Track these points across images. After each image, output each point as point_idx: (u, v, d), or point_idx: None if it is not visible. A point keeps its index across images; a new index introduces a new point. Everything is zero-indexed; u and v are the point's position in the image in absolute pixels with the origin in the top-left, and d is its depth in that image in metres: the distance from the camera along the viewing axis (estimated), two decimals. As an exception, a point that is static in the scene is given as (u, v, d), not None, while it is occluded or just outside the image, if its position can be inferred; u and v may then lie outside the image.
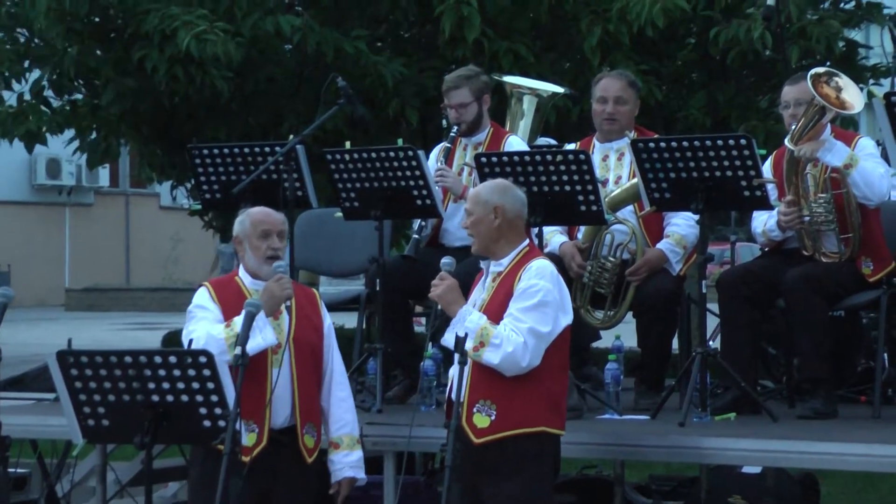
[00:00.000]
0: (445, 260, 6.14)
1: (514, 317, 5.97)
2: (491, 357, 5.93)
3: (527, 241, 6.20)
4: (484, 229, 6.11)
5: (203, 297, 6.21)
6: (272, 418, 6.09)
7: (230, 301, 6.15)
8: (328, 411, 6.28)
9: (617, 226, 7.55)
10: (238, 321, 5.99)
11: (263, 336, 6.02)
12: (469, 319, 5.96)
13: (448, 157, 7.94)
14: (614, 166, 7.73)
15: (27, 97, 12.28)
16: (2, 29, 12.08)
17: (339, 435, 6.27)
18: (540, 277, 6.03)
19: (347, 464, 6.25)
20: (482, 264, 6.24)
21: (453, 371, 6.26)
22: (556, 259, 7.53)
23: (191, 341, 6.05)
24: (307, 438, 6.18)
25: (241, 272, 6.28)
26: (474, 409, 5.98)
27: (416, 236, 7.82)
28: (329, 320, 6.37)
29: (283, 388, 6.12)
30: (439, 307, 6.06)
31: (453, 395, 6.11)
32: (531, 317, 5.96)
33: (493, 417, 5.95)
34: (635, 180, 7.30)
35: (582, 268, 7.54)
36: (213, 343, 5.94)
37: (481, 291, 6.17)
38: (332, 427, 6.27)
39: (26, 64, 12.18)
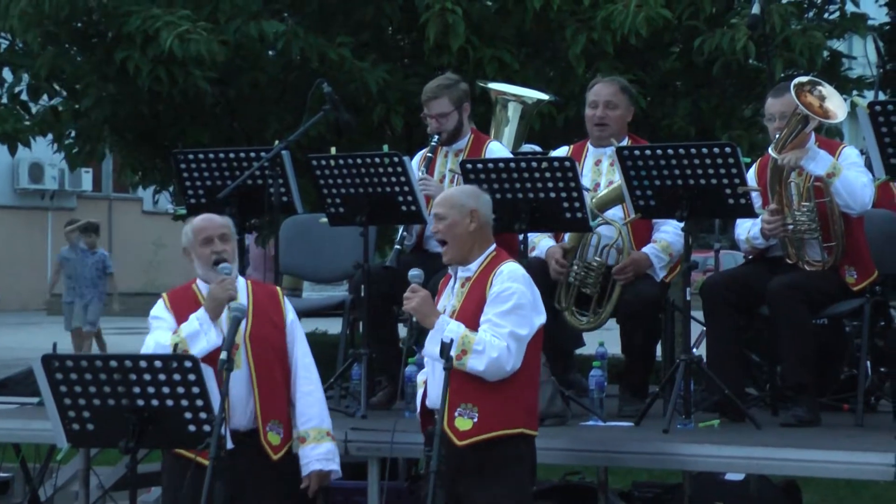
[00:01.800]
0: (413, 272, 6.13)
1: (493, 322, 5.98)
2: (475, 364, 5.94)
3: (494, 245, 6.21)
4: (460, 233, 6.10)
5: (158, 308, 6.30)
6: (234, 420, 6.04)
7: (184, 309, 6.20)
8: (294, 406, 6.28)
9: (604, 227, 7.57)
10: (185, 327, 6.11)
11: (207, 339, 6.09)
12: (448, 329, 5.96)
13: (429, 165, 7.95)
14: (606, 171, 7.74)
15: (4, 100, 12.26)
16: None
17: (305, 429, 6.25)
18: (512, 280, 6.04)
19: (314, 457, 6.22)
20: (450, 269, 6.23)
21: (421, 377, 6.30)
22: (543, 263, 7.55)
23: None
24: (271, 436, 6.17)
25: (198, 280, 6.33)
26: (456, 413, 5.99)
27: (398, 246, 7.83)
28: (293, 315, 6.36)
29: (242, 389, 6.12)
30: (415, 319, 6.05)
31: (428, 402, 6.13)
32: (510, 321, 5.98)
33: (475, 420, 5.97)
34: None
35: (563, 267, 7.55)
36: (159, 350, 6.06)
37: (450, 297, 6.18)
38: (297, 422, 6.26)
39: (5, 71, 12.16)
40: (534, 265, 7.00)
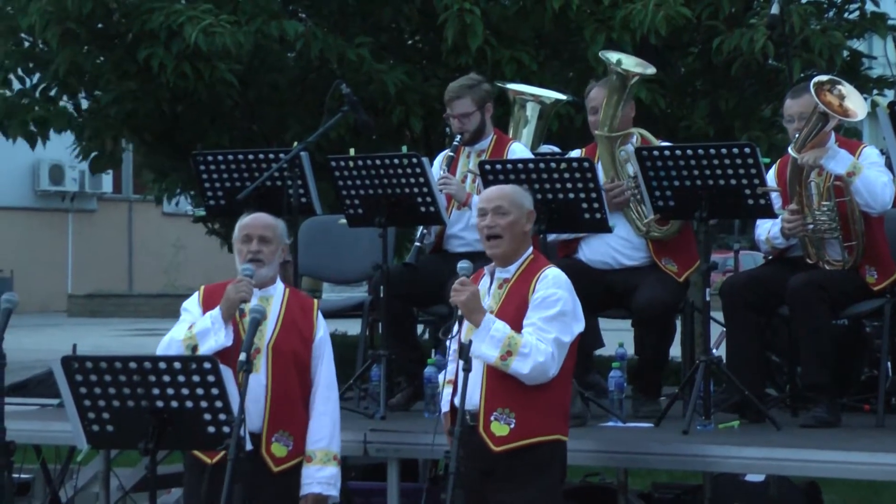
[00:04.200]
0: (463, 264, 6.04)
1: (539, 326, 5.96)
2: (520, 367, 5.91)
3: (531, 248, 6.21)
4: (518, 232, 6.10)
5: (191, 301, 6.29)
6: (248, 422, 5.94)
7: (216, 305, 6.16)
8: (309, 423, 6.21)
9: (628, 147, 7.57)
10: (199, 324, 6.09)
11: (216, 339, 6.05)
12: (494, 328, 5.92)
13: (451, 165, 7.95)
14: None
15: (34, 94, 12.28)
16: (3, 34, 12.07)
17: (312, 449, 6.17)
18: (557, 286, 6.04)
19: (316, 479, 6.12)
20: (487, 269, 6.21)
21: (443, 377, 6.26)
22: (580, 266, 7.51)
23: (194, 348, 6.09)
24: (275, 447, 6.09)
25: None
26: (492, 418, 5.96)
27: (418, 244, 7.83)
28: (323, 332, 6.27)
29: (257, 394, 6.08)
30: (459, 312, 5.97)
31: (457, 402, 6.09)
32: (555, 326, 5.97)
33: (512, 426, 5.95)
34: None
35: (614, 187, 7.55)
36: (173, 345, 6.07)
37: (486, 297, 6.13)
38: (308, 439, 6.18)
39: (31, 66, 12.20)
40: (563, 269, 6.92)
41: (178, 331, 6.15)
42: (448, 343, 6.31)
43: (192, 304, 6.26)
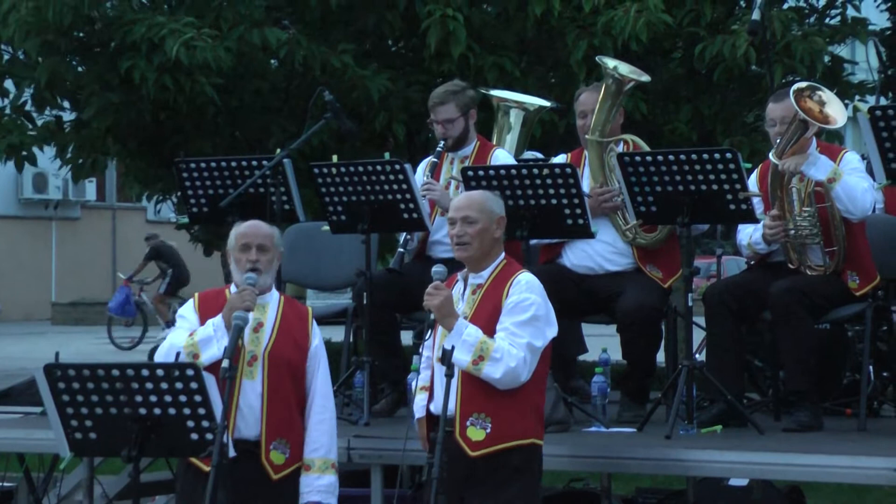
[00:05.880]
0: (438, 268, 6.07)
1: (511, 331, 5.97)
2: (492, 371, 5.93)
3: (503, 253, 6.22)
4: (487, 239, 6.11)
5: (187, 308, 6.30)
6: (239, 429, 6.04)
7: (212, 312, 6.18)
8: (306, 432, 6.24)
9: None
10: (200, 331, 6.09)
11: (219, 346, 6.04)
12: (467, 333, 5.94)
13: (435, 171, 7.97)
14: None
15: (7, 111, 12.26)
16: None
17: (311, 457, 6.20)
18: (530, 291, 6.05)
19: (315, 488, 6.17)
20: (460, 275, 6.21)
21: (419, 383, 6.26)
22: (555, 272, 7.50)
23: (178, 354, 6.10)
24: (274, 454, 6.11)
25: (232, 285, 6.31)
26: (467, 423, 5.98)
27: (402, 249, 7.84)
28: (318, 340, 6.30)
29: (253, 401, 6.10)
30: (432, 317, 6.00)
31: (433, 408, 6.11)
32: (527, 331, 5.98)
33: (488, 430, 5.97)
34: None
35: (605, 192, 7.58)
36: (172, 351, 6.06)
37: (459, 302, 6.14)
38: (306, 448, 6.21)
39: (7, 82, 12.17)
40: (546, 273, 6.95)
41: (177, 338, 6.14)
42: (421, 349, 6.34)
43: (188, 311, 6.27)
